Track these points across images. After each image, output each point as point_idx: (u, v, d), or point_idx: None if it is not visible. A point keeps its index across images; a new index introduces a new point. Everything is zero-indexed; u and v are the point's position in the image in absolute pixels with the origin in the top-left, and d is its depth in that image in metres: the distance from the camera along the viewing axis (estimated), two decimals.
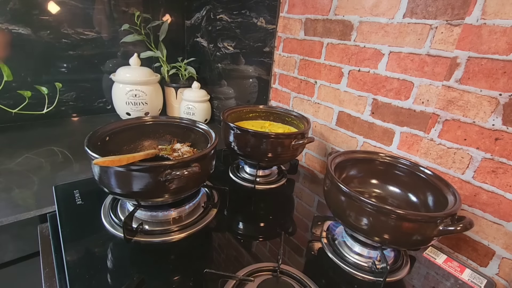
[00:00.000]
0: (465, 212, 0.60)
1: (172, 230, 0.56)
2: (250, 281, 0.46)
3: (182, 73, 1.29)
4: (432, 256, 0.60)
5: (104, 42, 1.20)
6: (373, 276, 0.52)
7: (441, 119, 0.61)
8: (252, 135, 0.70)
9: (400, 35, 0.65)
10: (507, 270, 0.56)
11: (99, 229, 0.56)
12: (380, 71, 0.70)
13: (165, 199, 0.56)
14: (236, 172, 0.83)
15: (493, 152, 0.55)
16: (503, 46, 0.51)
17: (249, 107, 0.90)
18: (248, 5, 1.02)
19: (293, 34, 0.90)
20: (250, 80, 1.11)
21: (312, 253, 0.58)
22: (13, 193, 0.70)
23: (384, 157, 0.63)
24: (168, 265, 0.50)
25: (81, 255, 0.50)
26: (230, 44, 1.14)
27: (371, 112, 0.74)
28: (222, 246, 0.57)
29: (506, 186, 0.54)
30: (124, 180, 0.49)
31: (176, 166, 0.48)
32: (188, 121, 0.69)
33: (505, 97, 0.52)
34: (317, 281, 0.48)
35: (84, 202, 0.63)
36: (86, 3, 1.12)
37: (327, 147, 0.89)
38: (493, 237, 0.57)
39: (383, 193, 0.63)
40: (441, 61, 0.59)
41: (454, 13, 0.56)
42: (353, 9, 0.73)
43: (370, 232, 0.48)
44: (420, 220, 0.44)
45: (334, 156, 0.59)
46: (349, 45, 0.76)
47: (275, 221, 0.67)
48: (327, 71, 0.83)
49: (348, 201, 0.49)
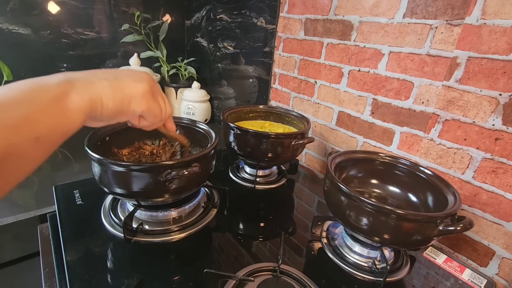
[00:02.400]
0: (465, 212, 0.60)
1: (172, 230, 0.56)
2: (250, 281, 0.46)
3: (182, 73, 1.29)
4: (432, 256, 0.60)
5: (104, 42, 1.20)
6: (373, 276, 0.52)
7: (441, 119, 0.61)
8: (252, 135, 0.70)
9: (400, 35, 0.65)
10: (507, 270, 0.56)
11: (99, 229, 0.56)
12: (380, 71, 0.70)
13: (165, 199, 0.56)
14: (236, 172, 0.83)
15: (493, 152, 0.55)
16: (503, 46, 0.51)
17: (249, 107, 0.90)
18: (248, 5, 1.02)
19: (293, 34, 0.90)
20: (250, 80, 1.11)
21: (312, 253, 0.58)
22: (13, 193, 0.70)
23: (384, 157, 0.63)
24: (168, 265, 0.50)
25: (81, 255, 0.50)
26: (230, 44, 1.14)
27: (371, 112, 0.74)
28: (222, 246, 0.57)
29: (506, 186, 0.54)
30: (124, 180, 0.49)
31: (176, 166, 0.48)
32: (188, 121, 0.69)
33: (505, 97, 0.52)
34: (317, 281, 0.48)
35: (84, 202, 0.63)
36: (86, 3, 1.12)
37: (327, 147, 0.89)
38: (493, 237, 0.57)
39: (383, 193, 0.63)
40: (441, 61, 0.59)
41: (454, 13, 0.56)
42: (353, 9, 0.73)
43: (370, 232, 0.48)
44: (420, 220, 0.44)
45: (334, 156, 0.59)
46: (349, 45, 0.76)
47: (275, 221, 0.67)
48: (327, 71, 0.83)
49: (348, 201, 0.49)
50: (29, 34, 1.04)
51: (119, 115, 0.34)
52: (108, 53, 1.23)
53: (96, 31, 1.17)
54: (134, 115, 0.36)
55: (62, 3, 1.07)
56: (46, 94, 0.26)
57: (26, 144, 0.24)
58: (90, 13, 1.14)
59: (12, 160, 0.23)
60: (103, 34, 1.19)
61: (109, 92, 0.32)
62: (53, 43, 1.09)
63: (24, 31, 1.03)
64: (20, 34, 1.02)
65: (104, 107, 0.31)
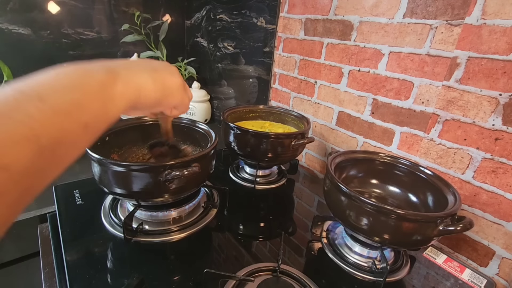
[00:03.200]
0: (465, 212, 0.60)
1: (172, 230, 0.56)
2: (250, 281, 0.46)
3: (182, 73, 1.29)
4: (432, 256, 0.60)
5: (104, 42, 1.20)
6: (373, 276, 0.52)
7: (441, 119, 0.61)
8: (252, 135, 0.70)
9: (400, 35, 0.65)
10: (507, 270, 0.56)
11: (99, 229, 0.56)
12: (380, 71, 0.70)
13: (165, 199, 0.56)
14: (236, 172, 0.83)
15: (493, 152, 0.55)
16: (503, 46, 0.51)
17: (249, 107, 0.90)
18: (248, 5, 1.02)
19: (293, 34, 0.90)
20: (250, 80, 1.11)
21: (312, 253, 0.58)
22: None
23: (384, 157, 0.63)
24: (168, 265, 0.51)
25: (81, 255, 0.50)
26: (230, 44, 1.14)
27: (371, 112, 0.74)
28: (222, 246, 0.57)
29: (506, 186, 0.54)
30: (124, 180, 0.49)
31: (176, 166, 0.48)
32: (188, 121, 0.69)
33: (505, 97, 0.52)
34: (317, 281, 0.48)
35: (84, 202, 0.63)
36: (86, 3, 1.12)
37: (327, 147, 0.89)
38: (493, 237, 0.57)
39: (383, 193, 0.63)
40: (441, 61, 0.59)
41: (454, 13, 0.56)
42: (353, 9, 0.73)
43: (370, 232, 0.48)
44: (420, 220, 0.44)
45: (334, 156, 0.59)
46: (349, 45, 0.76)
47: (275, 221, 0.67)
48: (327, 71, 0.83)
49: (348, 201, 0.49)
50: (29, 34, 1.04)
51: (158, 106, 0.36)
52: (108, 53, 1.23)
53: (96, 31, 1.17)
54: (169, 106, 0.39)
55: (62, 3, 1.07)
56: (94, 81, 0.26)
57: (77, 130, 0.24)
58: (90, 13, 1.14)
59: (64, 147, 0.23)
60: (103, 34, 1.19)
61: (151, 83, 0.33)
62: (53, 43, 1.09)
63: (24, 31, 1.03)
64: (20, 34, 1.02)
65: (146, 97, 0.33)
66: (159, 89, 0.34)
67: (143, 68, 0.33)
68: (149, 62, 0.36)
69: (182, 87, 0.38)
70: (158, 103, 0.35)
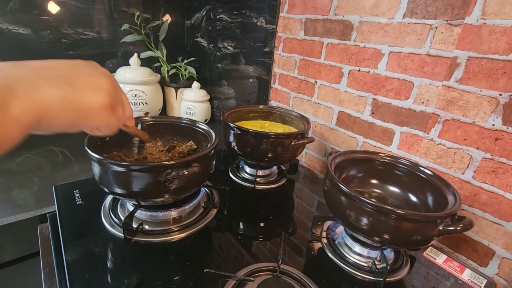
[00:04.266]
0: (465, 212, 0.60)
1: (172, 230, 0.56)
2: (250, 281, 0.46)
3: (182, 73, 1.29)
4: (432, 256, 0.60)
5: (104, 42, 1.20)
6: (373, 276, 0.52)
7: (441, 119, 0.61)
8: (252, 135, 0.70)
9: (400, 35, 0.65)
10: (507, 270, 0.56)
11: (99, 229, 0.56)
12: (380, 71, 0.70)
13: (165, 199, 0.56)
14: (236, 172, 0.83)
15: (493, 152, 0.55)
16: (503, 46, 0.51)
17: (249, 107, 0.90)
18: (248, 5, 1.02)
19: (293, 34, 0.90)
20: (250, 80, 1.11)
21: (312, 253, 0.58)
22: (13, 193, 0.70)
23: (384, 157, 0.63)
24: (168, 265, 0.50)
25: (81, 255, 0.50)
26: (230, 44, 1.14)
27: (371, 112, 0.74)
28: (222, 246, 0.57)
29: (506, 186, 0.54)
30: (124, 180, 0.49)
31: (176, 166, 0.48)
32: (188, 121, 0.69)
33: (505, 97, 0.52)
34: (317, 281, 0.48)
35: (84, 202, 0.63)
36: (86, 3, 1.12)
37: (327, 147, 0.89)
38: (493, 237, 0.57)
39: (383, 193, 0.63)
40: (441, 61, 0.59)
41: (454, 13, 0.56)
42: (353, 9, 0.73)
43: (370, 232, 0.48)
44: (420, 220, 0.44)
45: (334, 156, 0.59)
46: (349, 45, 0.76)
47: (275, 221, 0.67)
48: (327, 71, 0.83)
49: (348, 201, 0.49)
50: (29, 34, 1.03)
51: (71, 129, 0.30)
52: (108, 53, 1.23)
53: (96, 31, 1.17)
54: (88, 128, 0.34)
55: (62, 3, 1.07)
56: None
57: None
58: (90, 13, 1.14)
59: None
60: (103, 34, 1.19)
61: (60, 104, 0.27)
62: (53, 43, 1.09)
63: (24, 31, 1.03)
64: (20, 34, 1.02)
65: (53, 120, 0.27)
66: (71, 110, 0.28)
67: (54, 82, 0.27)
68: (68, 69, 0.30)
69: (108, 109, 0.32)
70: (71, 125, 0.29)
